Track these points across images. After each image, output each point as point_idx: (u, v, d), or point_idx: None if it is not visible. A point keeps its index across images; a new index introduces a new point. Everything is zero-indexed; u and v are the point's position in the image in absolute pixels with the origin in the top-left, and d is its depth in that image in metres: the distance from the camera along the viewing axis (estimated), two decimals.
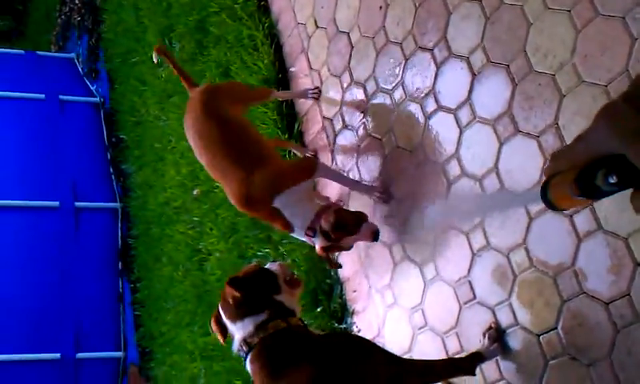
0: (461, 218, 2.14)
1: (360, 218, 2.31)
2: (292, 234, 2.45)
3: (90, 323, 5.16)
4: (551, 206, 1.05)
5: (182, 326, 4.05)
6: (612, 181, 0.88)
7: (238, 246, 3.48)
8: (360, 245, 2.74)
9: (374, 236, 2.31)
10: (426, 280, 2.42)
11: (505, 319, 2.12)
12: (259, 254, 3.28)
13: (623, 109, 0.82)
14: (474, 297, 2.23)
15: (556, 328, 1.96)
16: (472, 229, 2.23)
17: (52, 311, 5.07)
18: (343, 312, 2.83)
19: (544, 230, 2.00)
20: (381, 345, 2.59)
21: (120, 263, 5.36)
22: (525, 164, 2.05)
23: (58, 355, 4.94)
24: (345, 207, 2.64)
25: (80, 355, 5.01)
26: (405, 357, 2.40)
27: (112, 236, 5.49)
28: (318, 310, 2.87)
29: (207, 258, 3.81)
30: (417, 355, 2.44)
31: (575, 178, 0.97)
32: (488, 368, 2.16)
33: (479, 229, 2.21)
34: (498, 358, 2.13)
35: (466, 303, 2.26)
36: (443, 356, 2.33)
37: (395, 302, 2.57)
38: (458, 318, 2.29)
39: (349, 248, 2.40)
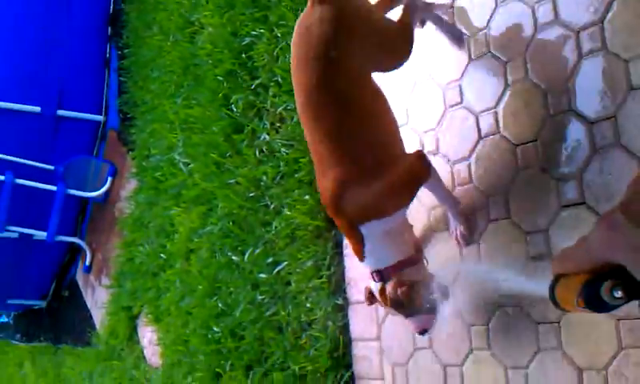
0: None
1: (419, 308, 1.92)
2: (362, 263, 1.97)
3: (74, 84, 5.16)
4: (557, 305, 1.00)
5: (165, 96, 4.05)
6: (618, 295, 0.85)
7: (233, 23, 3.38)
8: None
9: (421, 333, 2.02)
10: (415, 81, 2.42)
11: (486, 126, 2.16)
12: (253, 33, 3.21)
13: (622, 222, 0.78)
14: (462, 101, 2.24)
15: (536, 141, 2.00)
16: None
17: (37, 66, 5.03)
18: None
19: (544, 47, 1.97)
20: None
21: (110, 28, 5.23)
22: None
23: (38, 109, 4.96)
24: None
25: (61, 112, 5.04)
26: None
27: None
28: None
29: (199, 31, 3.72)
30: None
31: (580, 291, 0.90)
32: None
33: None
34: None
35: (452, 106, 2.28)
36: None
37: None
38: (440, 119, 2.32)
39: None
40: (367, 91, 1.89)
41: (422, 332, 2.00)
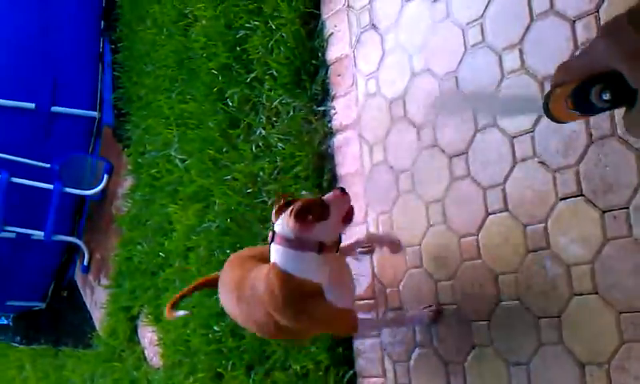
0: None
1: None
2: None
3: (67, 79, 5.09)
4: (551, 117, 1.01)
5: (160, 91, 4.00)
6: (606, 97, 0.87)
7: (227, 15, 3.32)
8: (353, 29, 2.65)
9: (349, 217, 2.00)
10: (413, 71, 2.37)
11: None
12: (247, 25, 3.16)
13: (625, 26, 0.79)
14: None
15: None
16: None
17: (30, 62, 4.96)
18: (324, 95, 2.79)
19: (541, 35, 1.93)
20: (357, 131, 2.60)
21: (103, 22, 5.17)
22: None
23: (32, 105, 4.91)
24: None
25: (55, 109, 4.99)
26: None
27: None
28: (298, 91, 2.82)
29: (193, 23, 3.67)
30: (392, 136, 2.45)
31: (571, 92, 0.93)
32: None
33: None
34: None
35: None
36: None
37: (378, 92, 2.53)
38: None
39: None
40: None
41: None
